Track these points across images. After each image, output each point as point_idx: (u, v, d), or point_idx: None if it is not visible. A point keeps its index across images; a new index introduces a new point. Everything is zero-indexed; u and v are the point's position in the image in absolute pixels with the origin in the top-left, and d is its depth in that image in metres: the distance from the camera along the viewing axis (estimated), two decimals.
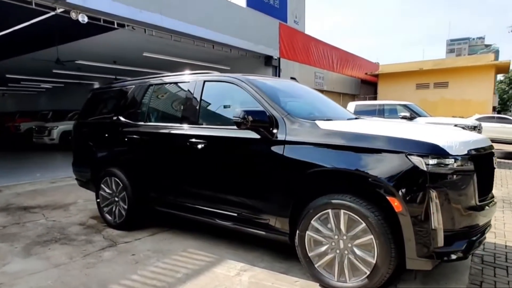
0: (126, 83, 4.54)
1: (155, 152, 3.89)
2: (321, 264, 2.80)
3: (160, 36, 10.01)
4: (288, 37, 15.07)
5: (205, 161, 3.45)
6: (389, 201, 2.45)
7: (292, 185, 2.87)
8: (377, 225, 2.50)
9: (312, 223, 2.80)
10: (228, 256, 3.47)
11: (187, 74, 3.88)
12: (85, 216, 4.94)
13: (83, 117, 4.94)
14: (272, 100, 3.15)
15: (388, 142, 2.53)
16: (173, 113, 3.99)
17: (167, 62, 13.93)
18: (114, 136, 4.29)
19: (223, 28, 11.42)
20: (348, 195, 2.64)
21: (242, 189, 3.21)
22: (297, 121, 2.97)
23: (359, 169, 2.56)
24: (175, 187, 3.72)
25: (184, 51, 12.35)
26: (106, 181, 4.35)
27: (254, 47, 13.08)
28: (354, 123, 3.13)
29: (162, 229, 4.27)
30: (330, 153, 2.71)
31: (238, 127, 3.03)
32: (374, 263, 2.54)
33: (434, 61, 20.49)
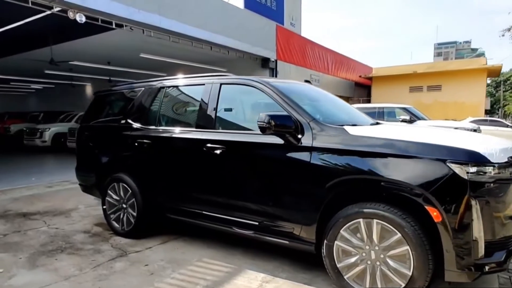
0: (134, 85, 4.37)
1: (168, 157, 3.73)
2: (351, 276, 2.68)
3: (158, 37, 9.85)
4: (285, 39, 15.02)
5: (223, 167, 3.30)
6: (427, 210, 2.35)
7: (320, 192, 2.75)
8: (413, 236, 2.39)
9: (342, 232, 2.68)
10: (246, 266, 3.33)
11: (202, 77, 3.73)
12: (89, 223, 4.74)
13: (87, 120, 4.75)
14: (296, 104, 3.03)
15: (426, 149, 2.42)
16: (187, 117, 3.85)
17: (163, 64, 13.74)
18: (122, 141, 4.11)
19: (221, 29, 11.30)
20: (382, 204, 2.53)
21: (265, 197, 3.07)
22: (324, 126, 2.86)
23: (395, 177, 2.45)
24: (190, 194, 3.57)
25: (180, 52, 12.19)
26: (114, 187, 4.17)
27: (251, 49, 12.99)
28: (383, 129, 3.03)
29: (172, 237, 4.11)
30: (362, 160, 2.59)
31: (262, 132, 2.90)
32: (410, 275, 2.43)
33: (427, 64, 20.68)
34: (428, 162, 2.39)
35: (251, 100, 3.48)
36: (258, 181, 3.11)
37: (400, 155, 2.48)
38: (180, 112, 3.99)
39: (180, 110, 4.01)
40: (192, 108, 3.75)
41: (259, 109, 3.29)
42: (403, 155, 2.47)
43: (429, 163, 2.39)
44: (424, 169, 2.39)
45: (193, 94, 3.81)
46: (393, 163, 2.49)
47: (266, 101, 3.19)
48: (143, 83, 4.26)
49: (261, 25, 13.61)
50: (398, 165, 2.47)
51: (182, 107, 4.01)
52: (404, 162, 2.46)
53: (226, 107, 3.48)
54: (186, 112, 3.91)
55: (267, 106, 3.19)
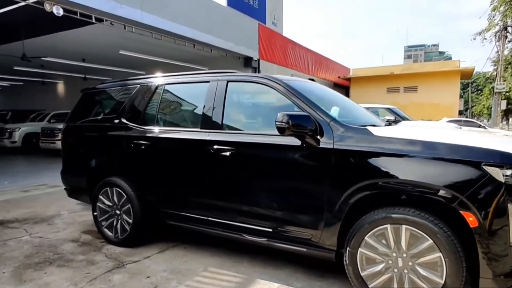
0: (128, 83, 4.06)
1: (169, 159, 3.47)
2: (376, 285, 2.54)
3: (140, 33, 9.47)
4: (267, 39, 14.87)
5: (234, 171, 3.09)
6: (463, 216, 2.24)
7: (343, 197, 2.59)
8: (447, 242, 2.27)
9: (366, 239, 2.53)
10: (257, 275, 3.14)
11: (206, 74, 3.49)
12: (75, 230, 4.39)
13: (74, 119, 4.39)
14: (314, 103, 2.86)
15: (459, 151, 2.31)
16: (190, 116, 3.59)
17: (143, 61, 13.31)
18: (116, 142, 3.81)
19: (205, 27, 11.04)
20: (411, 209, 2.40)
21: (280, 202, 2.89)
22: (345, 127, 2.70)
23: (427, 181, 2.33)
24: (195, 199, 3.33)
25: (162, 50, 11.81)
26: (106, 192, 3.86)
27: (234, 48, 12.77)
28: (405, 130, 2.91)
29: (170, 245, 3.84)
30: (390, 163, 2.45)
31: (280, 133, 2.71)
32: (443, 283, 2.31)
33: (404, 66, 21.16)
34: (462, 165, 2.28)
35: (261, 99, 3.28)
36: (273, 185, 2.91)
37: (431, 158, 2.35)
38: (182, 112, 3.73)
39: (182, 109, 3.75)
40: (196, 108, 3.51)
41: (271, 109, 3.10)
42: (435, 157, 2.34)
43: (463, 166, 2.27)
44: (458, 172, 2.28)
45: (196, 92, 3.56)
46: (424, 166, 2.37)
47: (280, 100, 3.01)
48: (138, 80, 3.97)
49: (244, 24, 13.41)
50: (430, 168, 2.35)
51: (184, 106, 3.75)
52: (437, 165, 2.34)
53: (234, 107, 3.27)
54: (189, 111, 3.66)
55: (280, 105, 3.01)
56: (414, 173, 2.38)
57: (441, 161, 2.33)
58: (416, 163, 2.39)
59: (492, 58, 24.53)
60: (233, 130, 3.19)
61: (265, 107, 3.33)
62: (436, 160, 2.34)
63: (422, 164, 2.37)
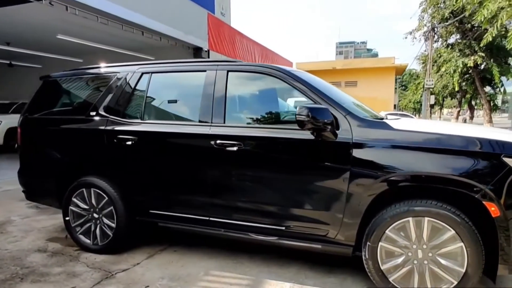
0: (103, 70, 3.61)
1: (162, 156, 3.16)
2: (397, 278, 2.55)
3: (84, 16, 8.61)
4: (216, 29, 14.52)
5: (241, 167, 2.89)
6: (485, 206, 2.32)
7: (365, 191, 2.55)
8: (469, 232, 2.35)
9: (387, 233, 2.53)
10: (265, 276, 3.00)
11: (201, 63, 3.23)
12: (38, 239, 3.85)
13: (34, 111, 3.79)
14: (327, 96, 2.78)
15: (480, 144, 2.39)
16: (185, 108, 3.29)
17: (83, 48, 12.21)
18: (93, 137, 3.37)
19: (154, 14, 10.44)
20: (433, 201, 2.44)
21: (294, 199, 2.77)
22: (362, 120, 2.66)
23: (452, 173, 2.37)
24: (193, 198, 3.08)
25: (105, 36, 10.93)
26: (82, 194, 3.42)
27: (184, 37, 12.26)
28: (420, 123, 2.94)
29: (157, 249, 3.54)
30: (415, 156, 2.46)
31: (301, 127, 2.58)
32: (464, 272, 2.39)
33: (344, 61, 22.17)
34: (483, 157, 2.36)
35: (267, 91, 3.10)
36: (287, 181, 2.78)
37: (455, 151, 2.40)
38: (175, 103, 3.40)
39: (174, 100, 3.42)
40: (191, 99, 3.22)
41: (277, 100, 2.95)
42: (459, 150, 2.40)
43: (484, 158, 2.36)
44: (479, 165, 2.36)
45: (190, 83, 3.27)
46: (447, 159, 2.41)
47: (288, 91, 2.88)
48: (117, 67, 3.55)
49: (193, 12, 12.95)
50: (453, 161, 2.40)
51: (177, 98, 3.42)
52: (460, 157, 2.40)
53: (237, 99, 3.06)
54: (183, 103, 3.34)
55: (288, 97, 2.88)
56: (437, 166, 2.41)
57: (463, 154, 2.39)
58: (439, 156, 2.42)
59: (417, 57, 26.74)
60: (236, 123, 2.99)
61: (271, 99, 3.17)
62: (459, 153, 2.40)
63: (445, 157, 2.42)
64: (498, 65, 18.94)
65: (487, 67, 19.39)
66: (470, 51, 19.50)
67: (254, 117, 3.07)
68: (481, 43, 9.65)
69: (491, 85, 22.03)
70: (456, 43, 21.06)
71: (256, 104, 3.24)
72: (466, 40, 19.71)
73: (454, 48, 20.88)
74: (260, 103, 3.26)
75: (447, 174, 2.39)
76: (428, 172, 2.44)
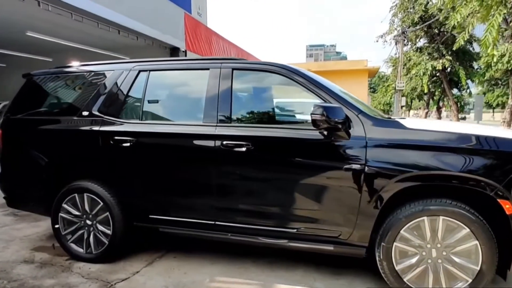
0: (94, 68, 3.40)
1: (164, 158, 3.00)
2: (411, 278, 2.54)
3: (58, 13, 8.21)
4: (193, 29, 14.29)
5: (251, 168, 2.79)
6: (500, 204, 2.34)
7: (380, 191, 2.52)
8: (483, 230, 2.37)
9: (402, 233, 2.51)
10: (273, 280, 2.91)
11: (203, 60, 3.11)
12: (22, 249, 3.57)
13: (17, 111, 3.51)
14: (339, 95, 2.74)
15: (494, 143, 2.42)
16: (188, 108, 3.15)
17: (54, 46, 11.68)
18: (86, 139, 3.16)
19: (131, 12, 10.11)
20: (448, 200, 2.45)
21: (306, 200, 2.70)
22: (374, 120, 2.64)
23: (467, 171, 2.39)
24: (198, 202, 2.95)
25: (78, 34, 10.48)
26: (73, 200, 3.20)
27: (161, 36, 11.96)
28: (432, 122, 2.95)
29: (155, 256, 3.36)
30: (430, 155, 2.45)
31: (315, 127, 2.52)
32: (478, 269, 2.41)
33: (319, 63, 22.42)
34: (497, 156, 2.39)
35: (274, 90, 3.02)
36: (299, 182, 2.70)
37: (470, 150, 2.42)
38: (176, 103, 3.24)
39: (175, 100, 3.26)
40: (193, 98, 3.10)
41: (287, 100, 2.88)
42: (472, 149, 2.42)
43: (498, 157, 2.39)
44: (493, 163, 2.39)
45: (192, 81, 3.14)
46: (462, 157, 2.42)
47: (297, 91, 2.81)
48: (110, 65, 3.36)
49: (170, 12, 12.67)
50: (469, 159, 2.41)
51: (178, 97, 3.27)
52: (474, 156, 2.41)
53: (243, 98, 2.96)
54: (185, 102, 3.19)
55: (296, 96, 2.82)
56: (453, 164, 2.42)
57: (477, 153, 2.42)
58: (455, 155, 2.43)
59: (386, 60, 27.57)
60: (243, 123, 2.89)
61: (278, 98, 3.09)
62: (472, 151, 2.42)
63: (460, 156, 2.43)
64: (464, 68, 19.84)
65: (454, 70, 20.25)
66: (438, 54, 20.31)
67: (262, 117, 2.98)
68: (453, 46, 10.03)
69: (458, 87, 23.06)
70: (425, 47, 21.89)
71: (262, 103, 3.16)
72: (435, 44, 20.51)
73: (423, 52, 21.67)
74: (267, 102, 3.18)
75: (462, 173, 2.40)
76: (444, 171, 2.44)
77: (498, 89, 41.93)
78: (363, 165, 2.54)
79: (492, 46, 8.70)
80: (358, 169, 2.55)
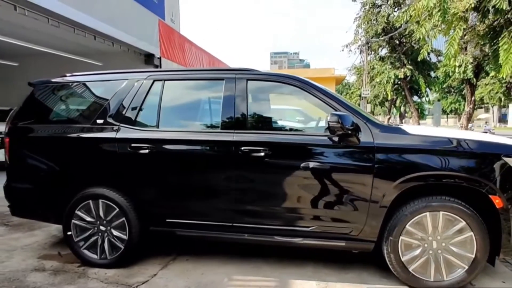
0: (107, 77, 3.46)
1: (182, 164, 3.12)
2: (416, 267, 2.84)
3: (35, 18, 8.02)
4: (167, 36, 14.26)
5: (268, 172, 2.99)
6: (491, 199, 2.70)
7: (388, 190, 2.80)
8: (477, 222, 2.72)
9: (407, 227, 2.81)
10: (286, 277, 3.11)
11: (217, 71, 3.27)
12: (28, 257, 3.53)
13: (25, 119, 3.48)
14: (347, 104, 3.02)
15: (486, 146, 2.79)
16: (205, 116, 3.30)
17: (21, 50, 11.18)
18: (101, 146, 3.22)
19: (107, 17, 10.02)
20: (446, 197, 2.77)
21: (321, 200, 2.93)
22: (380, 127, 2.93)
23: (465, 171, 2.73)
24: (216, 205, 3.10)
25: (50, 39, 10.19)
26: (87, 206, 3.23)
27: (137, 43, 11.89)
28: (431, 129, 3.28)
29: (168, 258, 3.46)
30: (431, 158, 2.77)
31: (332, 134, 2.78)
32: (473, 257, 2.75)
33: (289, 71, 22.93)
34: (488, 157, 2.75)
35: (286, 99, 3.24)
36: (314, 184, 2.93)
37: (465, 152, 2.77)
38: (192, 111, 3.37)
39: (191, 108, 3.39)
40: (210, 107, 3.25)
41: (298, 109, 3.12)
42: (467, 152, 2.77)
43: (488, 158, 2.75)
44: (485, 164, 2.75)
45: (208, 91, 3.30)
46: (459, 159, 2.77)
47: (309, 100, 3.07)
48: (124, 74, 3.43)
49: (145, 18, 12.62)
50: (465, 161, 2.77)
51: (194, 105, 3.40)
52: (470, 158, 2.78)
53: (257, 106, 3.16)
54: (201, 111, 3.34)
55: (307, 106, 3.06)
56: (452, 165, 2.75)
57: (471, 155, 2.78)
58: (453, 158, 2.77)
59: (348, 68, 28.80)
60: (260, 130, 3.09)
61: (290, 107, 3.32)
62: (468, 154, 2.78)
63: (457, 157, 2.77)
64: (423, 77, 21.19)
65: (414, 79, 21.55)
66: (400, 64, 21.55)
67: (276, 123, 3.19)
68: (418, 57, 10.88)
69: (418, 95, 24.53)
70: (387, 56, 23.13)
71: (275, 111, 3.37)
72: (396, 54, 21.75)
73: (385, 61, 22.88)
74: (279, 110, 3.39)
75: (460, 173, 2.74)
76: (444, 171, 2.77)
77: (451, 97, 44.91)
78: (373, 168, 2.82)
79: (454, 58, 9.50)
80: (368, 172, 2.82)
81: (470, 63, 15.16)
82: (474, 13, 9.94)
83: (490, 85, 31.94)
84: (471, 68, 15.58)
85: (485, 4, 8.88)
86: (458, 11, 8.89)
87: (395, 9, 21.08)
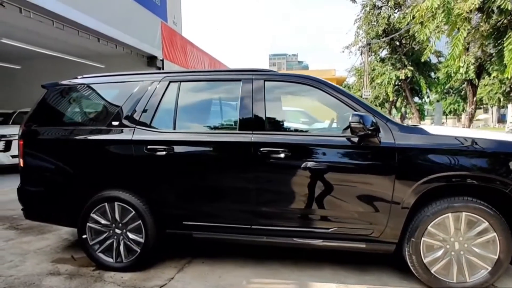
0: (125, 78, 3.43)
1: (201, 166, 3.09)
2: (438, 269, 2.81)
3: (40, 20, 8.00)
4: (169, 38, 14.25)
5: (288, 173, 2.96)
6: None
7: (410, 191, 2.77)
8: (501, 223, 2.69)
9: (429, 228, 2.78)
10: (306, 279, 3.08)
11: (233, 72, 3.24)
12: (41, 261, 3.49)
13: (38, 122, 3.45)
14: (367, 105, 3.00)
15: (509, 146, 2.76)
16: (222, 117, 3.28)
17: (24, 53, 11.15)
18: (118, 148, 3.19)
19: (111, 20, 10.01)
20: (469, 197, 2.75)
21: (342, 201, 2.90)
22: (400, 127, 2.91)
23: (488, 172, 2.71)
24: (234, 207, 3.07)
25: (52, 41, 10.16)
26: (102, 209, 3.19)
27: (139, 45, 11.89)
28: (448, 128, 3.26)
29: (183, 261, 3.42)
30: (454, 158, 2.75)
31: (354, 134, 2.75)
32: (497, 258, 2.72)
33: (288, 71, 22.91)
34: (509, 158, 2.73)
35: (304, 100, 3.22)
36: (335, 185, 2.90)
37: (489, 153, 2.75)
38: (210, 112, 3.35)
39: (209, 109, 3.36)
40: (228, 108, 3.22)
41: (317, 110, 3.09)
42: (493, 152, 2.74)
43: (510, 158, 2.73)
44: (507, 164, 2.72)
45: (225, 92, 3.27)
46: (483, 159, 2.75)
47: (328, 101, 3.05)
48: (138, 75, 3.41)
49: (147, 20, 12.61)
50: (488, 161, 2.74)
51: (210, 107, 3.37)
52: (493, 158, 2.75)
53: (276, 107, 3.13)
54: (219, 112, 3.31)
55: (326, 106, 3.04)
56: (476, 166, 2.73)
57: (495, 155, 2.75)
58: (475, 158, 2.75)
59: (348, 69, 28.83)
60: (278, 131, 3.07)
61: (310, 108, 3.29)
62: (492, 154, 2.75)
63: (481, 158, 2.75)
64: (424, 78, 21.22)
65: (415, 80, 21.58)
66: (400, 65, 21.57)
67: (294, 124, 3.17)
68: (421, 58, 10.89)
69: (419, 96, 24.56)
70: (387, 57, 23.15)
71: (292, 112, 3.35)
72: (397, 55, 21.77)
73: (386, 62, 22.89)
74: (297, 111, 3.37)
75: (483, 173, 2.72)
76: (468, 172, 2.74)
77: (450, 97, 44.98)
78: (394, 168, 2.79)
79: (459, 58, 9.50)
80: (390, 172, 2.80)
81: (472, 63, 15.17)
82: (477, 13, 9.97)
83: (489, 85, 32.01)
84: (473, 69, 15.60)
85: (490, 5, 8.89)
86: (463, 12, 8.89)
87: (395, 11, 21.12)
